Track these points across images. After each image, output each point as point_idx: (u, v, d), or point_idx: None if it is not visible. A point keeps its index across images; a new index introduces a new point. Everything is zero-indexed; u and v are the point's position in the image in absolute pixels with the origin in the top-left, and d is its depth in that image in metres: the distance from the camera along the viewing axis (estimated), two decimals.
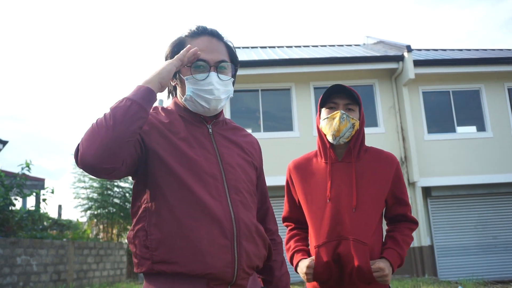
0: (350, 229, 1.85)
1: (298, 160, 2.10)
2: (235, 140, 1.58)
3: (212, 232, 1.36)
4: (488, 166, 11.22)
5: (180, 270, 1.33)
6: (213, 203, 1.39)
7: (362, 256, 1.82)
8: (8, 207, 8.63)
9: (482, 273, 10.74)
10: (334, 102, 1.97)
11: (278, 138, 11.18)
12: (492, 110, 11.71)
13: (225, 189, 1.44)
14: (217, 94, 1.48)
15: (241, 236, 1.41)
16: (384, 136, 11.37)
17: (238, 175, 1.49)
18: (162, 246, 1.35)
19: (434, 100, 11.89)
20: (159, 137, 1.43)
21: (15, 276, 7.65)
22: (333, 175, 1.94)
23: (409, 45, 11.27)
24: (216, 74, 1.49)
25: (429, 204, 11.34)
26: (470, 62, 11.75)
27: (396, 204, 1.98)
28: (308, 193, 1.98)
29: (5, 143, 13.52)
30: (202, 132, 1.51)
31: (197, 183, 1.40)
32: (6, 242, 7.60)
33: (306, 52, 13.28)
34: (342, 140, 1.94)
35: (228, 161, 1.49)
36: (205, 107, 1.49)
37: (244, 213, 1.45)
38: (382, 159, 1.98)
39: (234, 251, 1.38)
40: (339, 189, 1.91)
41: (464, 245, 11.22)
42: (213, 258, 1.34)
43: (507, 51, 14.30)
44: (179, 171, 1.39)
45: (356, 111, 1.97)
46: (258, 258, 1.49)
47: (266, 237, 1.55)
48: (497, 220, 11.38)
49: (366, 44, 15.14)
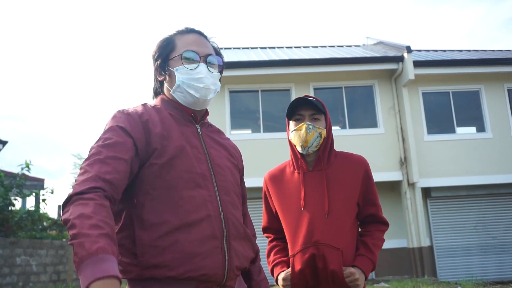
0: (323, 235, 1.91)
1: (272, 171, 2.17)
2: (221, 142, 1.58)
3: (203, 233, 1.33)
4: (488, 167, 11.22)
5: (170, 274, 1.29)
6: (199, 205, 1.36)
7: (335, 261, 1.89)
8: (7, 207, 8.62)
9: (481, 274, 10.75)
10: (299, 114, 2.05)
11: (278, 139, 11.18)
12: (492, 111, 11.71)
13: (215, 189, 1.42)
14: (207, 83, 1.50)
15: (231, 237, 1.39)
16: (384, 137, 11.38)
17: (227, 176, 1.48)
18: (151, 251, 1.29)
19: (434, 100, 11.90)
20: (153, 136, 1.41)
21: (15, 276, 7.65)
22: (305, 184, 2.01)
23: (409, 46, 11.27)
24: (206, 66, 1.51)
25: (429, 205, 11.34)
26: (470, 62, 11.76)
27: (366, 205, 2.04)
28: (283, 203, 2.06)
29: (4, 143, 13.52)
30: (192, 131, 1.49)
31: (188, 183, 1.37)
32: (6, 242, 7.60)
33: (305, 52, 13.29)
34: (311, 150, 2.01)
35: (217, 162, 1.48)
36: (194, 96, 1.50)
37: (233, 213, 1.44)
38: (351, 163, 2.05)
39: (224, 252, 1.37)
40: (312, 197, 1.98)
41: (464, 245, 11.22)
42: (204, 260, 1.31)
43: (507, 52, 14.31)
44: (168, 172, 1.36)
45: (321, 120, 2.05)
46: (246, 259, 1.48)
47: (253, 239, 1.55)
48: (496, 221, 11.38)
49: (366, 44, 15.15)
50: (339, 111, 11.73)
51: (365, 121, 11.74)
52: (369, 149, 10.95)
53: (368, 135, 11.36)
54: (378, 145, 11.24)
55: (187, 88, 1.49)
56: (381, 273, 10.80)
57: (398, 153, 11.25)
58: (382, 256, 10.94)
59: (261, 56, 12.56)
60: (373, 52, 13.02)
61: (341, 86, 11.78)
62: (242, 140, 11.22)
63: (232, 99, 11.54)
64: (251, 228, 1.69)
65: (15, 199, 9.17)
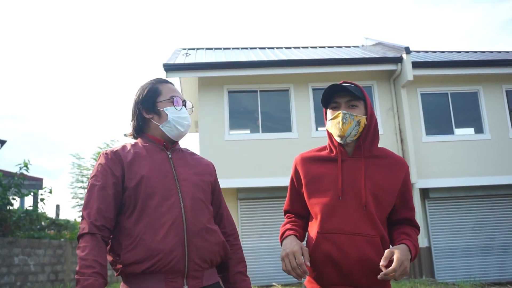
0: (360, 226, 1.83)
1: (306, 153, 2.07)
2: (191, 162, 1.95)
3: (168, 234, 1.70)
4: (486, 168, 11.24)
5: (142, 268, 1.67)
6: (166, 212, 1.73)
7: (370, 248, 1.80)
8: (6, 206, 8.61)
9: (479, 275, 10.76)
10: (335, 101, 1.95)
11: (277, 139, 11.19)
12: (490, 112, 11.73)
13: (180, 199, 1.78)
14: (189, 121, 1.96)
15: (191, 234, 1.73)
16: (382, 137, 11.37)
17: (191, 187, 1.84)
18: (130, 252, 1.69)
19: (433, 101, 11.91)
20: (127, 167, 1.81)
21: (13, 276, 7.64)
22: (344, 171, 1.91)
23: (407, 47, 11.29)
24: (185, 107, 1.97)
25: (427, 206, 11.36)
26: (469, 64, 11.77)
27: (403, 207, 1.95)
28: (315, 187, 1.94)
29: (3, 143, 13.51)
30: (163, 157, 1.88)
31: (153, 202, 1.74)
32: (4, 241, 7.59)
33: (304, 53, 13.29)
34: (350, 139, 1.92)
35: (183, 177, 1.85)
36: (180, 130, 1.93)
37: (194, 216, 1.77)
38: (394, 161, 1.96)
39: (184, 248, 1.71)
40: (349, 185, 1.88)
41: (462, 246, 11.23)
42: (166, 255, 1.67)
43: (506, 53, 14.33)
44: (143, 191, 1.75)
45: (360, 107, 1.93)
46: (211, 252, 1.79)
47: (220, 237, 1.86)
48: (495, 222, 11.40)
49: (364, 45, 15.16)
50: None
51: None
52: None
53: None
54: None
55: (175, 124, 1.92)
56: None
57: (397, 153, 11.22)
58: None
59: (260, 57, 12.56)
60: (372, 53, 13.04)
61: None
62: (240, 140, 11.22)
63: (231, 99, 11.54)
64: (229, 226, 2.03)
65: (13, 199, 9.16)
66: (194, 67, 11.18)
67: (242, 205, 11.16)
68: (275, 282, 9.97)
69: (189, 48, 14.28)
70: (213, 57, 12.59)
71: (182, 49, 14.04)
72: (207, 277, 1.78)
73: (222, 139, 11.06)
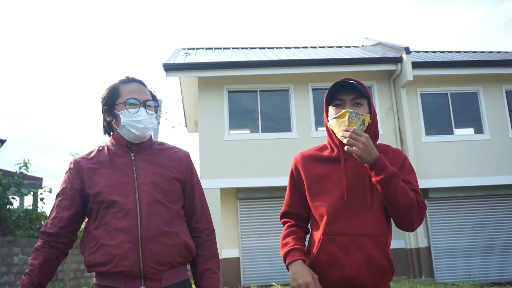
0: (365, 227, 1.79)
1: (306, 151, 2.01)
2: (156, 160, 1.96)
3: (123, 240, 1.78)
4: (486, 168, 11.24)
5: (103, 270, 1.79)
6: (122, 218, 1.81)
7: (378, 247, 1.78)
8: (5, 206, 8.62)
9: (479, 275, 10.77)
10: (340, 98, 1.89)
11: (277, 139, 11.18)
12: (490, 112, 11.74)
13: (136, 204, 1.83)
14: (146, 124, 1.91)
15: (144, 240, 1.79)
16: (382, 138, 11.34)
17: (150, 190, 1.87)
18: (92, 255, 1.81)
19: (432, 102, 11.92)
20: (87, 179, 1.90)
21: (12, 275, 7.64)
22: (347, 171, 1.86)
23: (407, 47, 11.29)
24: (145, 110, 1.92)
25: (427, 206, 11.34)
26: (468, 64, 11.78)
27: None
28: (318, 187, 1.89)
29: (3, 142, 13.51)
30: (125, 160, 1.92)
31: (112, 209, 1.83)
32: (4, 241, 7.59)
33: (304, 53, 13.29)
34: None
35: (142, 180, 1.88)
36: (135, 134, 1.91)
37: (150, 222, 1.82)
38: (391, 153, 1.92)
39: (138, 253, 1.78)
40: (353, 186, 1.84)
41: (462, 247, 11.24)
42: (121, 259, 1.76)
43: (505, 54, 14.34)
44: (102, 199, 1.84)
45: (364, 105, 1.89)
46: (168, 256, 1.83)
47: (181, 239, 1.88)
48: (494, 222, 11.40)
49: (364, 45, 15.16)
50: None
51: None
52: None
53: None
54: None
55: (129, 128, 1.90)
56: None
57: None
58: None
59: (260, 56, 12.56)
60: (371, 53, 13.04)
61: None
62: (240, 140, 11.22)
63: (231, 99, 11.54)
64: (202, 221, 2.03)
65: (13, 198, 9.17)
66: (194, 67, 11.18)
67: (241, 205, 11.16)
68: (275, 282, 9.96)
69: (189, 48, 14.27)
70: (213, 57, 12.58)
71: (182, 48, 14.03)
72: (167, 279, 1.83)
73: (222, 139, 11.06)
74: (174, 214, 1.91)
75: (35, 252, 1.87)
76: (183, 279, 1.91)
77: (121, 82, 1.98)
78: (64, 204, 1.91)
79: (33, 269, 1.84)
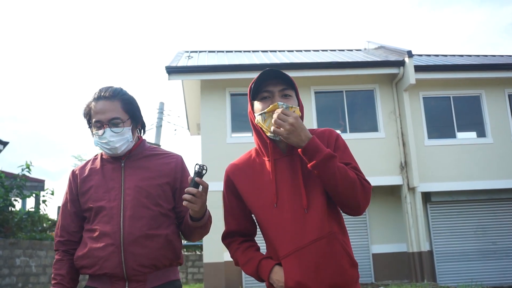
0: (311, 230, 1.60)
1: (237, 162, 1.85)
2: (145, 165, 2.02)
3: (107, 243, 1.86)
4: (488, 172, 11.22)
5: (90, 272, 1.90)
6: (107, 222, 1.89)
7: (335, 247, 1.61)
8: (7, 208, 8.62)
9: (481, 279, 10.73)
10: (267, 90, 1.69)
11: None
12: (493, 116, 11.72)
13: (121, 208, 1.90)
14: (112, 145, 1.95)
15: (127, 243, 1.86)
16: (384, 141, 11.38)
17: (135, 194, 1.93)
18: (81, 258, 1.92)
19: (435, 105, 11.91)
20: (80, 186, 2.01)
21: (14, 277, 7.64)
22: (278, 172, 1.69)
23: (410, 51, 11.28)
24: (110, 129, 1.94)
25: (429, 210, 11.33)
26: (471, 68, 11.77)
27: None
28: (256, 199, 1.72)
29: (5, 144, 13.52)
30: (114, 167, 2.01)
31: (100, 214, 1.92)
32: (6, 243, 7.60)
33: (307, 56, 13.30)
34: None
35: (128, 186, 1.94)
36: (107, 152, 1.98)
37: (132, 225, 1.88)
38: (321, 138, 1.72)
39: (121, 255, 1.85)
40: (286, 188, 1.66)
41: (464, 250, 11.20)
42: (105, 262, 1.85)
43: (508, 57, 14.32)
44: (91, 204, 1.94)
45: (293, 96, 1.71)
46: (151, 258, 1.88)
47: (166, 241, 1.93)
48: (496, 226, 11.37)
49: (367, 49, 15.16)
50: (340, 115, 11.74)
51: (366, 125, 11.75)
52: (370, 153, 10.96)
53: (368, 139, 11.37)
54: (378, 149, 11.24)
55: (100, 147, 1.98)
56: (381, 278, 10.78)
57: (399, 157, 11.25)
58: (381, 260, 10.93)
59: (262, 60, 12.57)
60: (374, 56, 13.04)
61: (342, 90, 11.79)
62: (242, 143, 11.22)
63: (233, 102, 11.55)
64: None
65: (15, 200, 9.17)
66: (197, 70, 11.20)
67: None
68: None
69: (192, 51, 14.30)
70: (215, 60, 12.60)
71: (185, 51, 14.06)
72: (152, 280, 1.90)
73: (224, 141, 11.07)
74: (160, 217, 1.96)
75: (58, 263, 1.97)
76: (170, 280, 1.96)
77: (93, 99, 2.02)
78: (68, 212, 2.03)
79: (62, 278, 1.93)
